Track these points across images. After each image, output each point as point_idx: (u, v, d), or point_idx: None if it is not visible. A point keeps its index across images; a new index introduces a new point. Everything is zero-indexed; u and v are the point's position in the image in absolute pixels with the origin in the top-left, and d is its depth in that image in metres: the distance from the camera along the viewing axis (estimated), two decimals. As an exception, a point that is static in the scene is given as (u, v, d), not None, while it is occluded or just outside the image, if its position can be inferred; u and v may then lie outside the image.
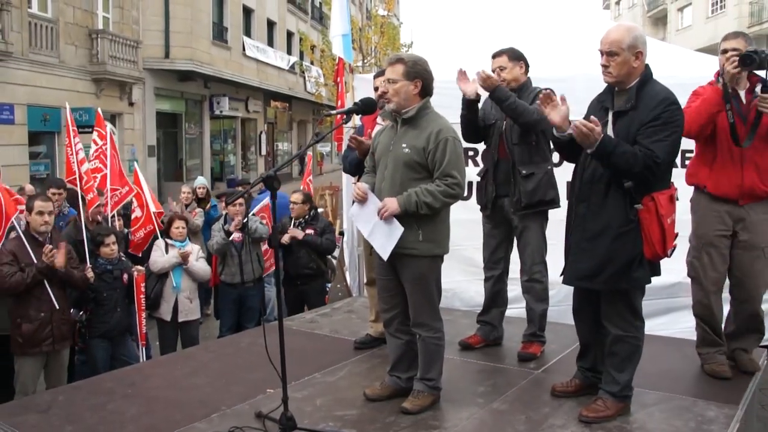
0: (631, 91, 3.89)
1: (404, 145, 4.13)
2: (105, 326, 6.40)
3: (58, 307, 5.82)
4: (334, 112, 4.84)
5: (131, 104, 22.47)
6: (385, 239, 4.11)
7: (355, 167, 5.24)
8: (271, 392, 4.43)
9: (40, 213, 5.86)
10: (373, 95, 4.94)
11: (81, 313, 6.36)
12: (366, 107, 4.31)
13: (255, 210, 8.17)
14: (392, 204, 4.04)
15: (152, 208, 8.03)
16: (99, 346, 6.42)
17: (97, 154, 7.78)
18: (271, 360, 3.79)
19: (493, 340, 5.40)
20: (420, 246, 4.09)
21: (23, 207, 6.28)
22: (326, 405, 4.35)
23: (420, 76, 4.14)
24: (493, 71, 5.07)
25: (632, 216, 3.81)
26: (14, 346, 5.80)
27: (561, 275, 4.17)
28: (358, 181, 5.25)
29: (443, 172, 4.04)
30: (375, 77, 5.32)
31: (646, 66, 3.95)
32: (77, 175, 7.17)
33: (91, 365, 6.41)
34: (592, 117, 3.76)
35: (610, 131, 3.88)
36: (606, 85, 4.07)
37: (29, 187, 10.21)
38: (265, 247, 8.01)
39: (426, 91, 4.20)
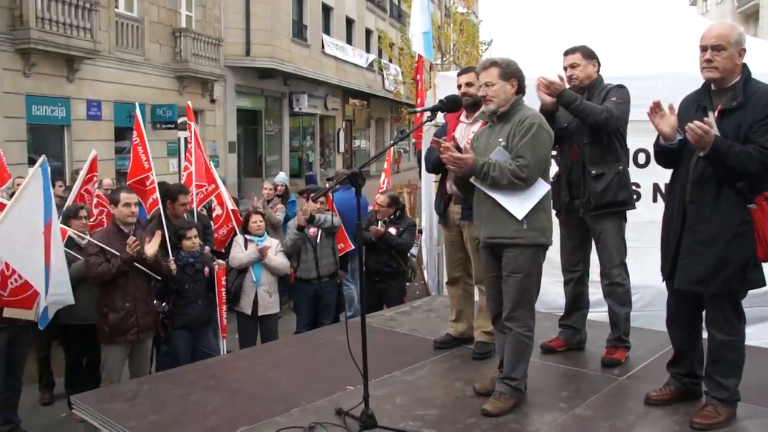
0: (736, 89, 3.76)
1: (500, 140, 4.21)
2: (186, 318, 6.52)
3: (141, 298, 5.97)
4: (419, 109, 4.81)
5: (213, 101, 22.90)
6: (523, 198, 4.12)
7: (436, 166, 5.19)
8: (351, 389, 4.43)
9: (127, 204, 6.03)
10: (455, 93, 4.89)
11: (164, 304, 6.50)
12: (451, 104, 4.29)
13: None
14: (469, 160, 4.11)
15: (229, 206, 8.16)
16: (181, 337, 6.54)
17: (189, 149, 7.95)
18: (353, 357, 3.78)
19: (575, 344, 5.27)
20: (525, 234, 4.11)
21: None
22: (406, 404, 4.32)
23: (515, 75, 4.26)
24: (566, 68, 4.97)
25: (747, 216, 3.67)
26: (101, 335, 5.98)
27: (664, 280, 4.05)
28: (440, 180, 5.22)
29: (516, 152, 4.11)
30: (458, 75, 5.25)
31: (744, 64, 3.81)
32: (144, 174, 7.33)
33: (173, 356, 6.55)
34: (706, 119, 3.64)
35: (714, 131, 3.73)
36: (700, 83, 3.94)
37: (107, 181, 10.54)
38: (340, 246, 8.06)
39: (520, 89, 4.30)
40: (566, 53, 5.06)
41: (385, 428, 3.79)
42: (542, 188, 4.16)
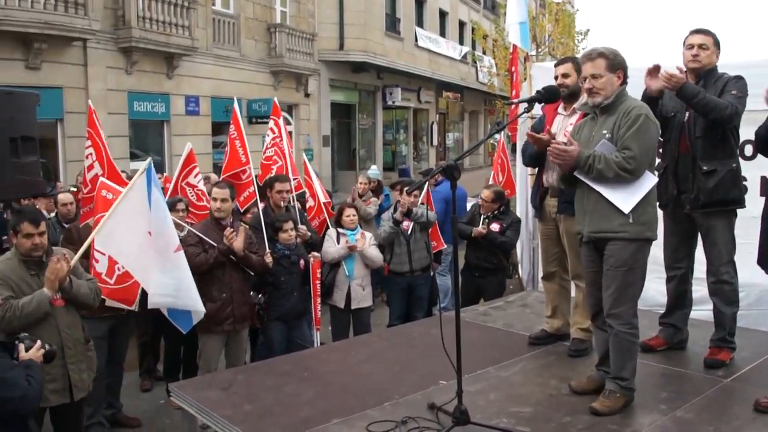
0: None
1: (605, 132, 4.11)
2: (282, 309, 6.60)
3: (238, 289, 6.09)
4: (515, 100, 4.70)
5: (307, 95, 23.20)
6: (630, 191, 4.02)
7: (533, 159, 5.09)
8: (444, 384, 4.39)
9: (215, 199, 6.26)
10: (552, 84, 4.77)
11: (260, 296, 6.60)
12: (549, 95, 4.20)
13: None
14: (574, 152, 4.04)
15: (322, 199, 8.21)
16: (276, 328, 6.63)
17: (273, 143, 8.04)
18: (447, 352, 3.74)
19: (676, 343, 5.07)
20: (631, 228, 4.01)
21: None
22: (499, 400, 4.26)
23: (621, 66, 4.17)
24: (691, 47, 4.74)
25: None
26: (198, 325, 6.12)
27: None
28: (537, 173, 5.12)
29: (622, 144, 4.01)
30: (556, 66, 5.12)
31: None
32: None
33: (268, 347, 6.65)
34: None
35: None
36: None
37: (214, 177, 10.79)
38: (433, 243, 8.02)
39: (625, 79, 4.20)
40: (696, 32, 4.81)
41: (478, 424, 3.73)
42: (649, 181, 4.02)
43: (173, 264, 5.45)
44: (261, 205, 7.04)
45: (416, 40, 29.23)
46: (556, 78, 4.95)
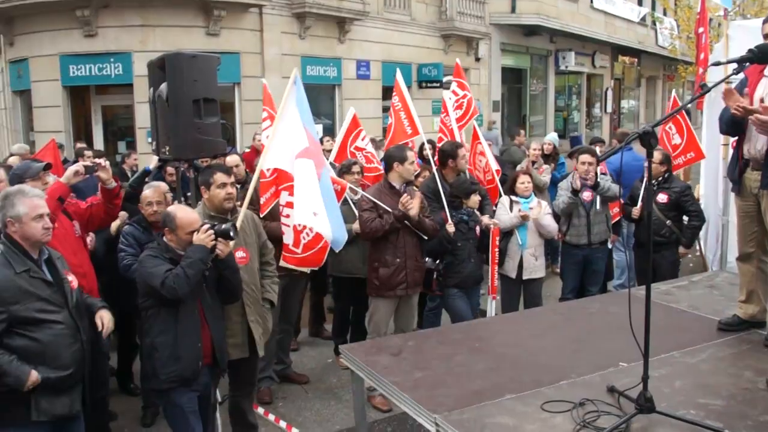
0: None
1: None
2: (459, 276, 6.54)
3: (411, 254, 6.06)
4: (723, 61, 4.26)
5: (477, 60, 22.90)
6: None
7: (732, 127, 4.62)
8: (624, 366, 4.13)
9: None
10: (760, 42, 4.29)
11: (437, 261, 6.53)
12: (764, 55, 3.74)
13: None
14: None
15: (493, 165, 8.00)
16: (456, 295, 6.58)
17: (459, 104, 7.92)
18: (634, 332, 3.48)
19: None
20: None
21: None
22: (686, 389, 3.93)
23: None
24: None
25: None
26: (370, 288, 6.16)
27: None
28: (736, 143, 4.67)
29: None
30: (764, 23, 4.62)
31: None
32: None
33: (451, 314, 6.62)
34: None
35: None
36: None
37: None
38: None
39: None
40: None
41: (664, 414, 3.46)
42: None
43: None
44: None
45: (591, 2, 28.14)
46: (765, 37, 4.47)
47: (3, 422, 3.90)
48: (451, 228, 6.30)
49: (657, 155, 7.20)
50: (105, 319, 4.23)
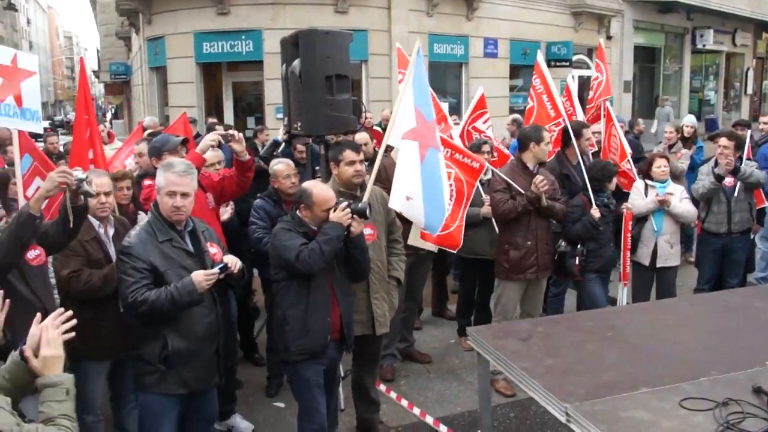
0: None
1: None
2: (600, 261, 6.41)
3: (542, 237, 5.97)
4: None
5: (609, 38, 22.09)
6: None
7: None
8: (771, 366, 3.88)
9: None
10: None
11: (579, 247, 6.39)
12: None
13: None
14: None
15: (627, 149, 7.70)
16: (593, 280, 6.45)
17: (598, 84, 7.79)
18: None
19: None
20: None
21: None
22: (843, 393, 3.65)
23: None
24: None
25: None
26: (499, 271, 6.08)
27: None
28: None
29: None
30: None
31: None
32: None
33: (590, 300, 6.47)
34: None
35: None
36: None
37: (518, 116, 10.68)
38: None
39: None
40: None
41: (817, 421, 3.22)
42: None
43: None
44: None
45: (734, -24, 26.55)
46: None
47: (144, 387, 4.07)
48: (596, 213, 6.14)
49: None
50: (233, 259, 4.16)
